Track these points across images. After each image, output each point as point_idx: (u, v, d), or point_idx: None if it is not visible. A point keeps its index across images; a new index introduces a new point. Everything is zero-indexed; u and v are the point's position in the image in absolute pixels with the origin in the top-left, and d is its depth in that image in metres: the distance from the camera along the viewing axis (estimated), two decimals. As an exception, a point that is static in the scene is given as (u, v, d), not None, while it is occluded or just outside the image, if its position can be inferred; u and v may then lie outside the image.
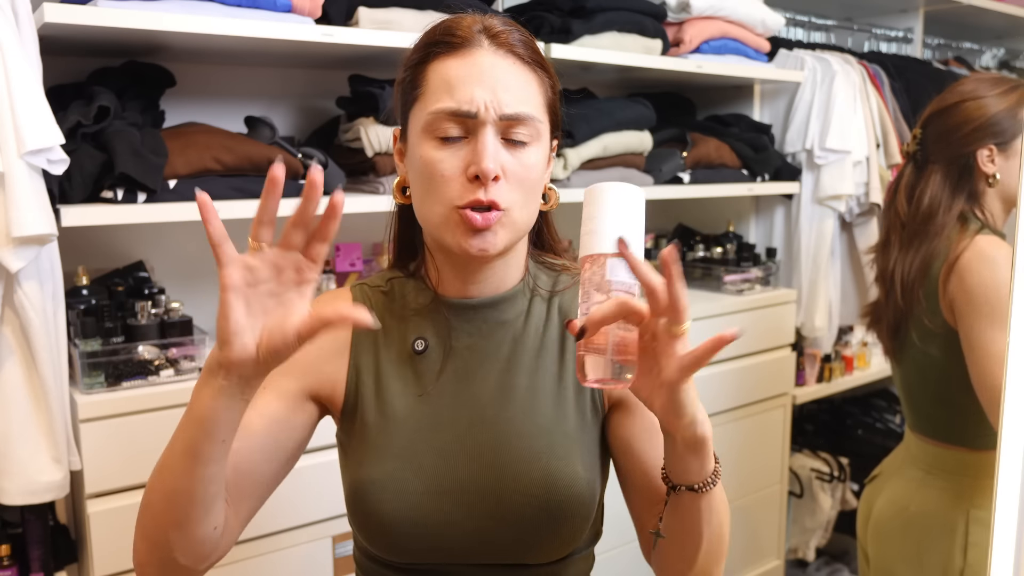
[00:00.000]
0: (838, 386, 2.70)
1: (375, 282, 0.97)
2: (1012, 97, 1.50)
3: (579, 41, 1.97)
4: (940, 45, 3.39)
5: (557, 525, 0.87)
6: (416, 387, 0.91)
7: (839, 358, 2.73)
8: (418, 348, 0.91)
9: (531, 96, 0.85)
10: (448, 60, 0.84)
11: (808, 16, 2.88)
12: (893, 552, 1.61)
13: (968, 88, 1.52)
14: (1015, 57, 3.81)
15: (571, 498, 0.87)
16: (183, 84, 1.75)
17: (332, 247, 1.97)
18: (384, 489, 0.87)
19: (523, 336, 0.92)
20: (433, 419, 0.89)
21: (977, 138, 1.50)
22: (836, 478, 2.69)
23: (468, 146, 0.83)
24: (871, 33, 3.04)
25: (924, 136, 1.57)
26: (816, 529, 2.73)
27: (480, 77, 0.83)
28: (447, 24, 0.87)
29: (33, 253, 1.28)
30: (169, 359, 1.48)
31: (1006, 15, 3.20)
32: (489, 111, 0.82)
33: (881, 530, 1.64)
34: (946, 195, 1.53)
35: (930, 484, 1.56)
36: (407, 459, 0.88)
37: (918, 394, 1.61)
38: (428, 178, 0.84)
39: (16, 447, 1.32)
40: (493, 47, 0.84)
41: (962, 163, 1.52)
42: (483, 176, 0.81)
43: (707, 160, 2.30)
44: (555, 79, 0.91)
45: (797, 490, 2.71)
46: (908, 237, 1.57)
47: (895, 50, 3.12)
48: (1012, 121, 1.48)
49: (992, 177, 1.50)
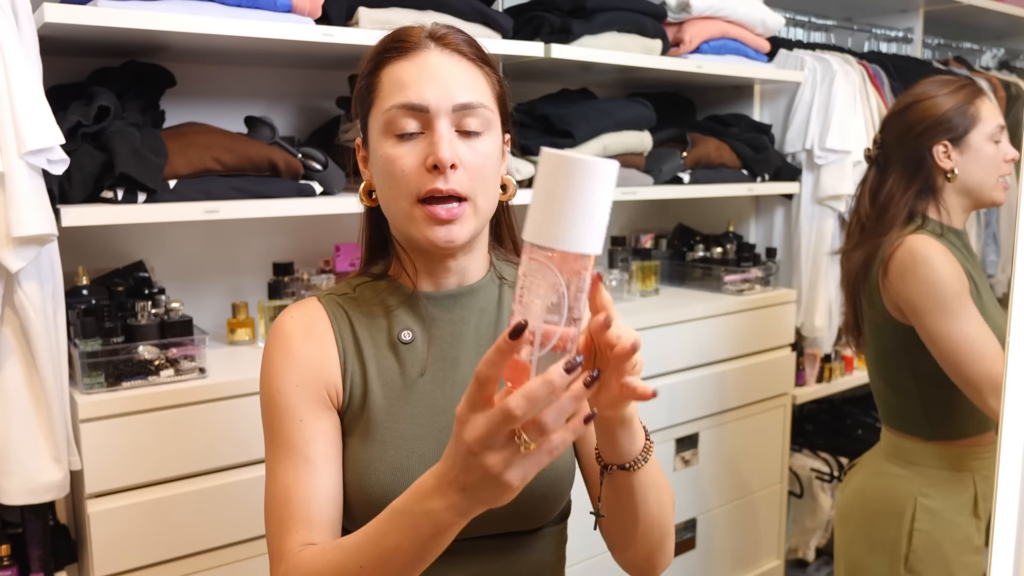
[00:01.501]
0: (838, 386, 2.70)
1: (340, 290, 0.98)
2: (961, 95, 1.56)
3: (579, 41, 1.97)
4: (940, 45, 3.39)
5: (546, 490, 0.91)
6: (404, 377, 0.93)
7: (839, 358, 2.73)
8: (405, 339, 0.94)
9: (480, 88, 0.90)
10: (399, 63, 0.89)
11: (808, 16, 2.88)
12: (850, 535, 1.68)
13: (920, 89, 1.60)
14: (1015, 57, 3.81)
15: (560, 465, 0.93)
16: (183, 84, 1.75)
17: (332, 247, 1.97)
18: (389, 480, 0.88)
19: (499, 320, 0.97)
20: (427, 406, 0.92)
21: (931, 135, 1.56)
22: (836, 478, 2.69)
23: (425, 140, 0.87)
24: (871, 33, 3.04)
25: (883, 139, 1.64)
26: (816, 529, 2.73)
27: (430, 75, 0.88)
28: (396, 33, 0.93)
29: (33, 253, 1.28)
30: (169, 359, 1.48)
31: (1006, 15, 3.20)
32: (441, 103, 0.87)
33: (844, 514, 1.71)
34: (899, 191, 1.59)
35: (886, 471, 1.63)
36: (407, 448, 0.90)
37: (878, 385, 1.68)
38: (389, 175, 0.88)
39: (16, 447, 1.32)
40: (439, 48, 0.90)
41: (918, 160, 1.58)
42: (441, 165, 0.85)
43: (707, 160, 2.30)
44: (501, 77, 0.96)
45: (797, 490, 2.71)
46: (863, 236, 1.63)
47: (895, 50, 3.12)
48: (963, 118, 1.55)
49: (951, 172, 1.56)
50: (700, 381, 2.18)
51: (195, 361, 1.49)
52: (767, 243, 2.63)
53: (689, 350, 2.15)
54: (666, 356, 2.10)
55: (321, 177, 1.66)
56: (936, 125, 1.55)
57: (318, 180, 1.66)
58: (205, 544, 1.47)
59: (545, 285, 0.63)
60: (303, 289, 1.78)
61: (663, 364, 2.10)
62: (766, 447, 2.43)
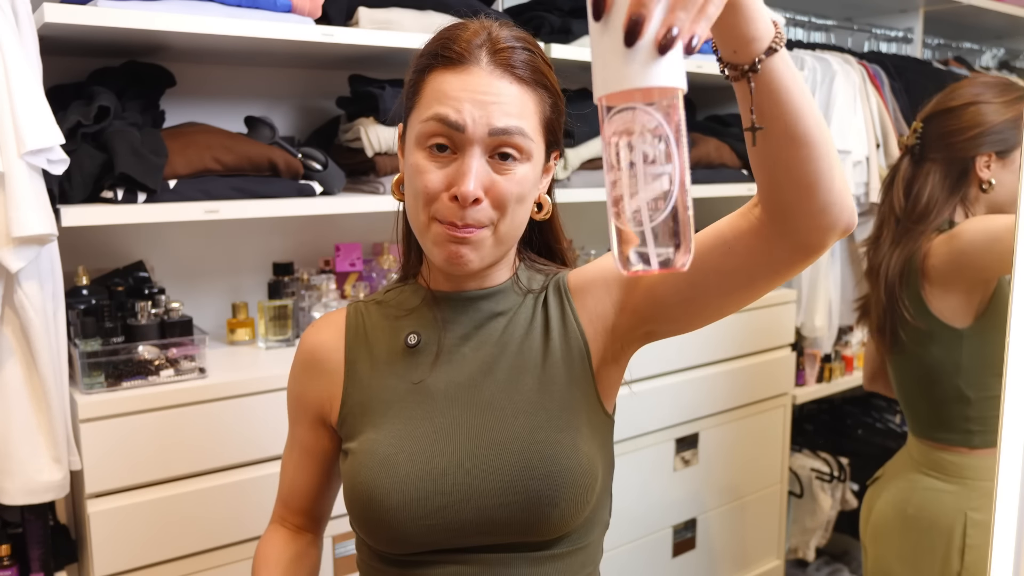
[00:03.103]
0: (838, 386, 2.70)
1: (376, 296, 1.02)
2: (1018, 107, 1.50)
3: (579, 41, 1.97)
4: (940, 45, 3.39)
5: (557, 495, 0.86)
6: (409, 378, 0.93)
7: (839, 358, 2.73)
8: (411, 342, 0.94)
9: (525, 112, 0.86)
10: (445, 74, 0.85)
11: (808, 16, 2.88)
12: (891, 554, 1.61)
13: (975, 92, 1.52)
14: (1015, 57, 3.81)
15: (572, 468, 0.88)
16: (183, 84, 1.75)
17: (332, 247, 1.97)
18: (374, 473, 0.88)
19: (514, 326, 0.94)
20: (426, 407, 0.91)
21: (978, 144, 1.50)
22: (836, 478, 2.69)
23: (455, 162, 0.85)
24: (871, 33, 3.04)
25: (924, 132, 1.57)
26: (816, 529, 2.73)
27: (472, 95, 0.84)
28: (450, 34, 0.88)
29: (33, 253, 1.28)
30: (169, 359, 1.48)
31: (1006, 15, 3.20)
32: (478, 126, 0.83)
33: (880, 531, 1.64)
34: (943, 195, 1.53)
35: (928, 486, 1.56)
36: (398, 444, 0.90)
37: (913, 396, 1.61)
38: (415, 187, 0.87)
39: (16, 447, 1.32)
40: (491, 66, 0.85)
41: (960, 166, 1.52)
42: (462, 200, 0.83)
43: (707, 160, 2.30)
44: (558, 97, 0.91)
45: (797, 490, 2.71)
46: (900, 233, 1.57)
47: (895, 50, 3.12)
48: (1014, 131, 1.49)
49: (987, 183, 1.50)
50: (700, 381, 2.18)
51: (195, 361, 1.49)
52: (767, 243, 2.63)
53: (689, 350, 2.15)
54: (666, 356, 2.10)
55: (321, 177, 1.66)
56: (986, 134, 1.49)
57: (318, 180, 1.66)
58: (205, 544, 1.47)
59: (649, 133, 0.56)
60: (303, 289, 1.78)
61: (663, 364, 2.10)
62: (766, 447, 2.43)
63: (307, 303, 1.77)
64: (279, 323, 1.71)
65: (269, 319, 1.70)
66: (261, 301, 1.73)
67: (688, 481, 2.22)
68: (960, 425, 1.53)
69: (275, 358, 1.63)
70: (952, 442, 1.54)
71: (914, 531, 1.56)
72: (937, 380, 1.54)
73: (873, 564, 1.67)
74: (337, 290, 1.83)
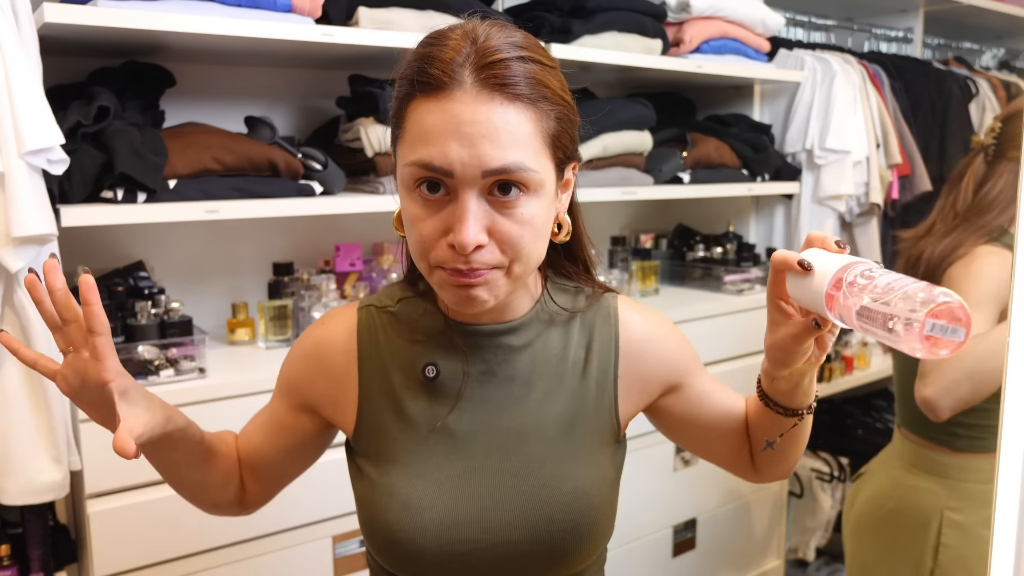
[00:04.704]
0: (838, 386, 2.70)
1: (383, 301, 0.93)
2: None
3: (579, 41, 1.97)
4: (940, 45, 3.39)
5: (585, 542, 0.87)
6: (430, 413, 0.88)
7: (839, 358, 2.73)
8: (429, 375, 0.88)
9: (524, 140, 0.74)
10: (426, 103, 0.74)
11: (808, 16, 2.88)
12: (868, 548, 1.63)
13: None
14: (1015, 57, 3.81)
15: (596, 520, 0.88)
16: (183, 84, 1.75)
17: (332, 247, 1.97)
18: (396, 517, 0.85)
19: (540, 360, 0.89)
20: (447, 446, 0.87)
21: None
22: (836, 478, 2.69)
23: (449, 205, 0.75)
24: (871, 33, 3.04)
25: (1002, 132, 1.53)
26: (816, 529, 2.73)
27: (457, 128, 0.72)
28: (428, 52, 0.75)
29: (33, 253, 1.28)
30: (169, 359, 1.48)
31: (1006, 15, 3.20)
32: (468, 169, 0.72)
33: (860, 526, 1.65)
34: (1010, 196, 1.50)
35: (909, 482, 1.57)
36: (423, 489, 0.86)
37: (906, 388, 1.61)
38: (411, 235, 0.78)
39: (16, 447, 1.32)
40: (477, 87, 0.72)
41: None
42: (460, 249, 0.73)
43: (707, 160, 2.30)
44: (565, 105, 0.79)
45: (797, 490, 2.71)
46: (954, 225, 1.54)
47: (895, 50, 3.12)
48: None
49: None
50: (700, 381, 2.17)
51: (195, 361, 1.49)
52: (767, 243, 2.63)
53: (689, 350, 2.15)
54: (666, 356, 2.09)
55: (321, 177, 1.66)
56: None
57: (318, 180, 1.66)
58: (205, 544, 1.47)
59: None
60: (303, 289, 1.78)
61: (663, 364, 2.09)
62: (766, 447, 2.43)
63: (307, 303, 1.77)
64: (279, 323, 1.71)
65: (269, 319, 1.70)
66: (261, 301, 1.73)
67: (688, 481, 2.22)
68: (946, 427, 1.53)
69: (275, 358, 1.63)
70: (937, 441, 1.55)
71: (891, 526, 1.57)
72: None
73: (852, 558, 1.68)
74: (337, 290, 1.83)
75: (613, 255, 2.31)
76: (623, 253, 2.30)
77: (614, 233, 2.51)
